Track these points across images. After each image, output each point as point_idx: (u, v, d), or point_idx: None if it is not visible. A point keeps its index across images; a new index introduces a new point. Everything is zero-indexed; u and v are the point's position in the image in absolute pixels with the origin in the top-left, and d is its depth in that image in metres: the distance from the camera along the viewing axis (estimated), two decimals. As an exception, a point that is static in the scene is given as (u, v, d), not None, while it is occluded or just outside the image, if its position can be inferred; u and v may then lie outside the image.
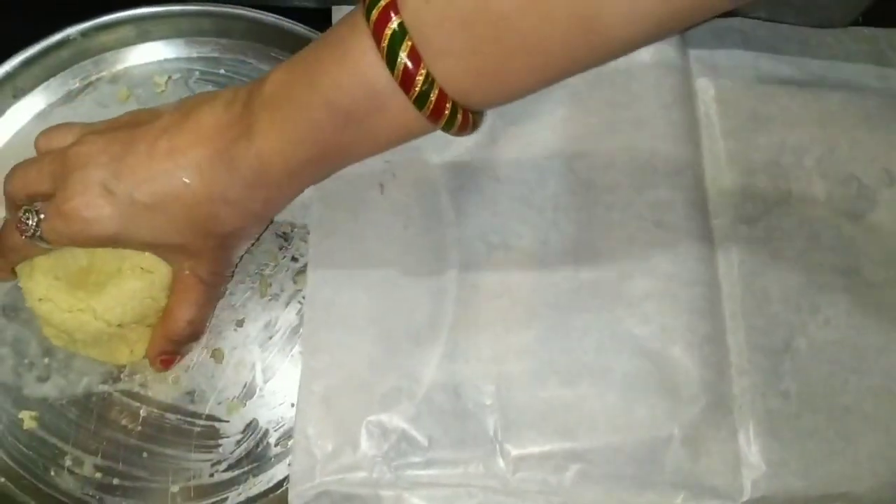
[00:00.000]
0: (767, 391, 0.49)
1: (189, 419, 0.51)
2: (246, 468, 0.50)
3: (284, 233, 0.54)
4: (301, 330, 0.51)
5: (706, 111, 0.54)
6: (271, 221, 0.53)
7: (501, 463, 0.48)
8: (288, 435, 0.50)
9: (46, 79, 0.56)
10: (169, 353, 0.50)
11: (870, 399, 0.49)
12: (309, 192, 0.51)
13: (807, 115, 0.54)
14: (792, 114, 0.53)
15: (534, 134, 0.53)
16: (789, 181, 0.52)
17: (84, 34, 0.56)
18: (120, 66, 0.57)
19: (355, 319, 0.50)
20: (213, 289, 0.50)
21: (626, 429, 0.48)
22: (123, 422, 0.51)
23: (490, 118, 0.53)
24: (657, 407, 0.48)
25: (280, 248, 0.54)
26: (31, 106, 0.56)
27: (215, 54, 0.57)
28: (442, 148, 0.53)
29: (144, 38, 0.57)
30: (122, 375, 0.51)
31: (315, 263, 0.50)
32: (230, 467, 0.50)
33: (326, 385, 0.49)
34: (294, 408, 0.49)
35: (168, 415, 0.51)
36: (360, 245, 0.51)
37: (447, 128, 0.43)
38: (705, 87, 0.54)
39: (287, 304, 0.53)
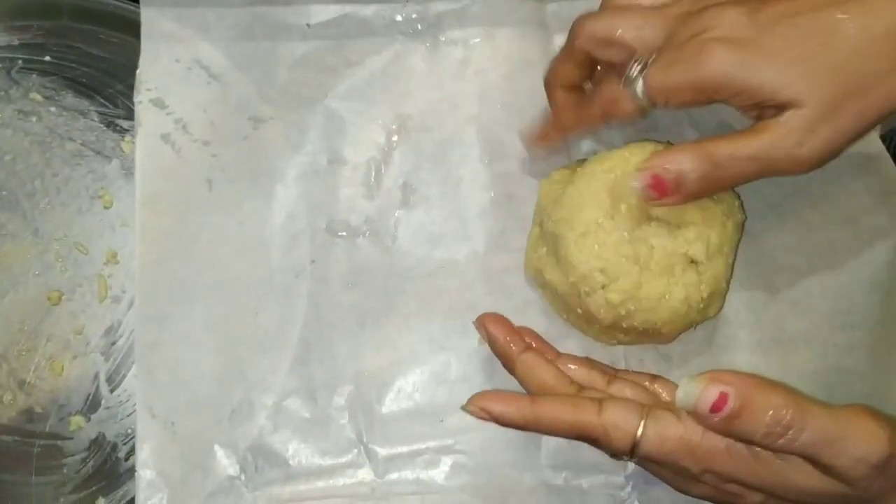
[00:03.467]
0: (645, 354, 0.46)
1: (27, 440, 0.46)
2: (94, 488, 0.45)
3: (122, 227, 0.49)
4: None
5: None
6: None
7: (369, 467, 0.44)
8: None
9: None
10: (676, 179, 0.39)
11: (759, 353, 0.47)
12: (131, 196, 0.47)
13: None
14: None
15: (374, 111, 0.49)
16: (660, 134, 0.49)
17: None
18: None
19: (193, 332, 0.45)
20: None
21: (498, 413, 0.45)
22: (-48, 449, 0.45)
23: (329, 101, 0.49)
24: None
25: (119, 246, 0.49)
26: None
27: (39, 40, 0.51)
28: (276, 136, 0.48)
29: (-48, 26, 0.51)
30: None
31: (143, 276, 0.46)
32: (76, 488, 0.45)
33: (168, 407, 0.44)
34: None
35: (3, 437, 0.46)
36: (192, 250, 0.46)
37: None
38: None
39: (130, 305, 0.48)
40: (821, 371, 0.47)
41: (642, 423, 0.36)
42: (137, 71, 0.48)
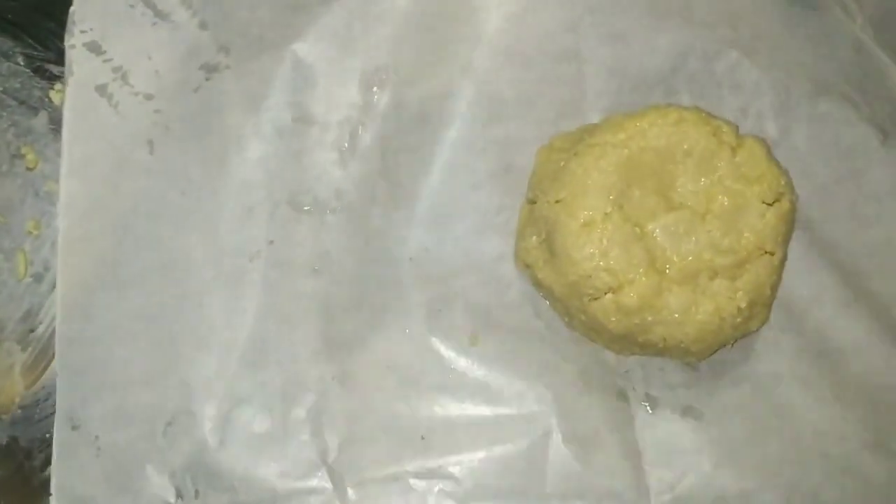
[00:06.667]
0: (666, 363, 0.39)
1: (-75, 448, 0.40)
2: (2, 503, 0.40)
3: (48, 192, 0.43)
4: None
5: (584, 11, 0.42)
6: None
7: (334, 493, 0.37)
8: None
9: None
10: None
11: (803, 363, 0.39)
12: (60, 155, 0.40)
13: (715, 12, 0.42)
14: (698, 10, 0.42)
15: (351, 60, 0.42)
16: (690, 97, 0.41)
17: None
18: None
19: (124, 325, 0.39)
20: None
21: (494, 429, 0.38)
22: None
23: (297, 46, 0.41)
24: (527, 393, 0.38)
25: (43, 214, 0.43)
26: None
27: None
28: (232, 88, 0.41)
29: None
30: None
31: (66, 256, 0.39)
32: (-19, 504, 0.40)
33: (92, 416, 0.38)
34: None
35: None
36: (125, 225, 0.40)
37: None
38: None
39: (53, 285, 0.42)
40: (882, 388, 0.39)
41: None
42: (71, 8, 0.42)
